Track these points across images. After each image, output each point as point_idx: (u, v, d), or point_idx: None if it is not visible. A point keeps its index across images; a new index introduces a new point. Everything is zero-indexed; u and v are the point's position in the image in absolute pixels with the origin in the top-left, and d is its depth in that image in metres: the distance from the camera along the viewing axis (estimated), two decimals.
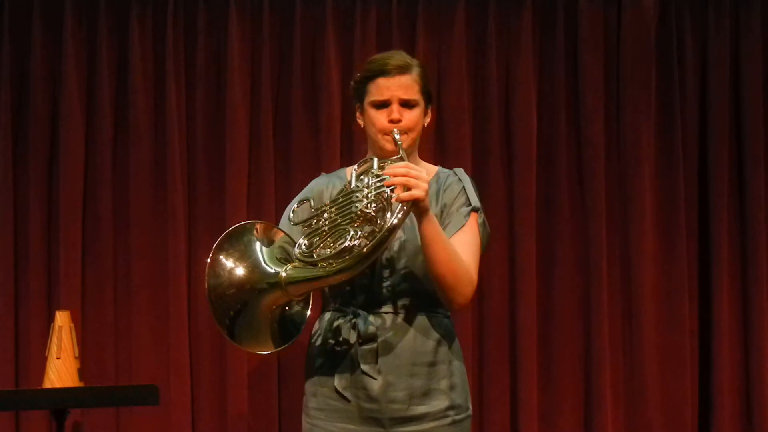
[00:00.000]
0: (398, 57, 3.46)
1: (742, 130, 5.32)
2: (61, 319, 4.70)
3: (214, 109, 5.20)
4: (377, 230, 3.12)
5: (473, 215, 3.39)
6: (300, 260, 3.20)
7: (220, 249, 3.29)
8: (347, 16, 5.22)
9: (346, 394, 3.34)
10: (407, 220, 3.27)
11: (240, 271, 3.25)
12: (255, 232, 3.35)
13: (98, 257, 5.10)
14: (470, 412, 3.42)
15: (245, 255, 3.28)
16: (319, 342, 3.42)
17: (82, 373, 4.73)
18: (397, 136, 3.35)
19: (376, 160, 3.32)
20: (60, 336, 4.65)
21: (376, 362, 3.31)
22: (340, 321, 3.38)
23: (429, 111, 3.49)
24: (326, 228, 3.23)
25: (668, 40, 5.32)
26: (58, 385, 4.61)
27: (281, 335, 3.30)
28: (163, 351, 5.08)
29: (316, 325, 3.48)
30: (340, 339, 3.38)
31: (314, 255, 3.19)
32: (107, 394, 4.68)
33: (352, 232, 3.14)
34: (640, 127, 5.28)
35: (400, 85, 3.41)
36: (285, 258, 3.30)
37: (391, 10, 5.23)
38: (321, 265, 3.16)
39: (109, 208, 5.12)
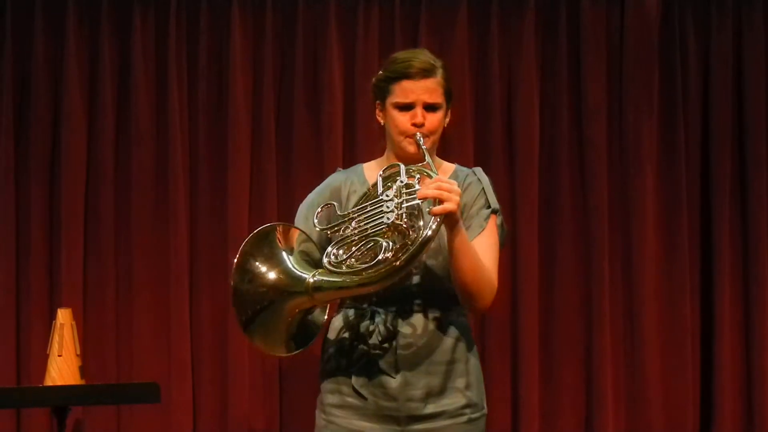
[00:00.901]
0: (423, 58, 3.43)
1: (744, 131, 5.32)
2: (63, 316, 4.70)
3: (216, 109, 5.20)
4: (410, 243, 3.12)
5: (492, 217, 3.39)
6: (329, 270, 3.20)
7: (248, 249, 3.29)
8: (350, 16, 5.22)
9: (363, 392, 3.33)
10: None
11: (271, 273, 3.25)
12: (278, 234, 3.34)
13: (100, 256, 5.10)
14: (485, 411, 3.42)
15: (273, 257, 3.28)
16: (336, 339, 3.42)
17: (83, 370, 4.74)
18: (420, 141, 3.34)
19: (403, 167, 3.30)
20: (61, 334, 4.66)
21: (395, 360, 3.31)
22: (358, 319, 3.38)
23: (449, 112, 3.48)
24: (356, 238, 3.22)
25: (671, 40, 5.32)
26: (59, 382, 4.62)
27: (296, 341, 3.30)
28: (164, 349, 5.08)
29: (334, 323, 3.47)
30: (358, 337, 3.36)
31: (344, 266, 3.18)
32: (108, 392, 4.68)
33: (385, 245, 3.14)
34: (643, 127, 5.28)
35: (425, 89, 3.38)
36: (308, 261, 3.30)
37: (394, 9, 5.23)
38: (350, 275, 3.15)
39: (110, 207, 5.12)
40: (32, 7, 5.13)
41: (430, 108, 3.38)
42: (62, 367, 4.65)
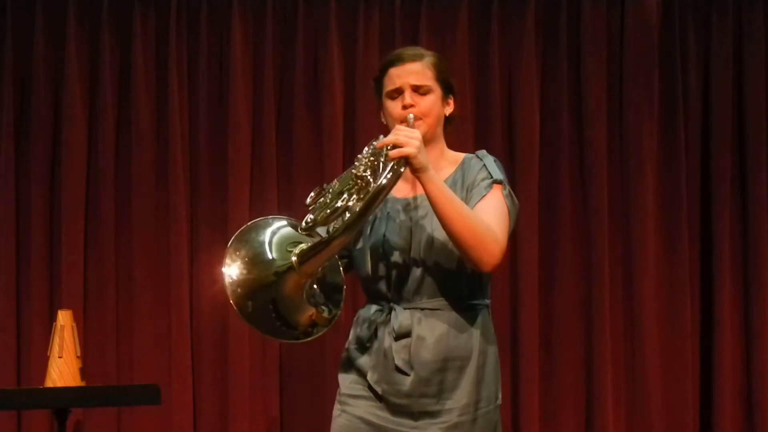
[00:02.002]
0: (410, 48, 3.46)
1: (744, 131, 5.32)
2: (63, 318, 4.70)
3: (217, 110, 5.20)
4: (369, 190, 3.15)
5: (496, 186, 3.37)
6: (305, 233, 3.22)
7: (230, 259, 3.29)
8: (350, 17, 5.23)
9: (377, 388, 3.34)
10: (430, 217, 3.27)
11: (252, 271, 3.26)
12: (267, 226, 3.35)
13: (100, 257, 5.11)
14: (500, 401, 3.42)
15: (254, 255, 3.29)
16: (356, 334, 3.43)
17: (83, 372, 4.74)
18: (411, 119, 3.34)
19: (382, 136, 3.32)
20: (62, 335, 4.66)
21: (410, 358, 3.32)
22: (377, 315, 3.38)
23: (450, 101, 3.47)
24: (329, 199, 3.25)
25: (671, 40, 5.32)
26: (60, 384, 4.62)
27: (326, 307, 3.31)
28: (164, 351, 5.08)
29: (357, 317, 3.48)
30: (375, 334, 3.38)
31: (316, 226, 3.22)
32: (109, 394, 4.68)
33: (345, 196, 3.17)
34: (643, 127, 5.28)
35: (410, 72, 3.39)
36: (297, 243, 3.31)
37: (394, 10, 5.23)
38: (318, 224, 3.20)
39: (111, 208, 5.12)
40: (33, 7, 5.13)
41: (419, 90, 3.39)
42: (63, 369, 4.65)
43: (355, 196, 3.18)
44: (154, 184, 5.15)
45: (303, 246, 3.23)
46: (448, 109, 3.46)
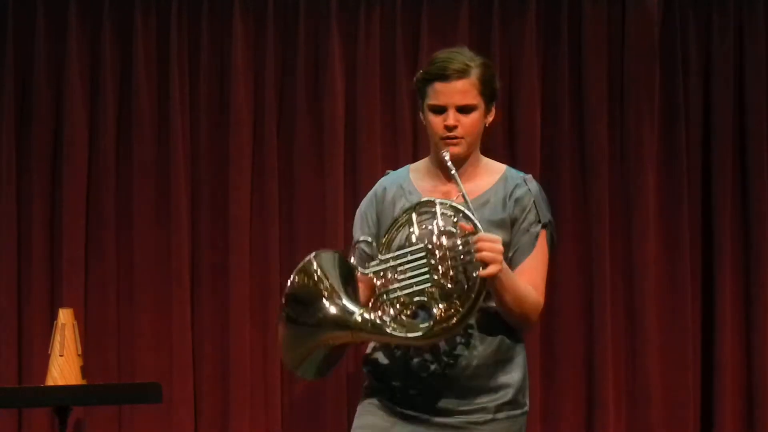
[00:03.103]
0: (458, 59, 3.38)
1: (745, 132, 5.32)
2: (64, 316, 4.71)
3: (218, 111, 5.21)
4: (459, 305, 3.12)
5: (542, 233, 3.37)
6: (377, 324, 3.18)
7: (320, 264, 3.27)
8: (351, 16, 5.23)
9: (399, 393, 3.34)
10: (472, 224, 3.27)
11: (325, 301, 3.23)
12: (334, 259, 3.31)
13: (101, 255, 5.11)
14: (527, 408, 3.42)
15: (331, 285, 3.26)
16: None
17: (84, 370, 4.75)
18: (448, 162, 3.30)
19: (438, 207, 3.24)
20: (63, 334, 4.67)
21: (433, 372, 3.31)
22: None
23: (493, 109, 3.45)
24: (401, 294, 3.19)
25: (672, 41, 5.32)
26: (60, 382, 4.62)
27: (319, 368, 3.30)
28: (165, 349, 5.08)
29: None
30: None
31: (390, 322, 3.17)
32: (110, 392, 4.69)
33: (433, 304, 3.14)
34: (644, 128, 5.28)
35: (456, 91, 3.34)
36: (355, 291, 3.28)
37: (395, 10, 5.23)
38: (399, 327, 3.15)
39: (112, 206, 5.13)
40: (34, 7, 5.14)
41: (463, 110, 3.35)
42: (64, 367, 4.65)
43: (441, 306, 3.14)
44: (155, 182, 5.15)
45: (369, 313, 3.19)
46: (490, 118, 3.44)
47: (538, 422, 5.17)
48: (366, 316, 3.17)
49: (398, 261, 3.21)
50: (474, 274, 3.12)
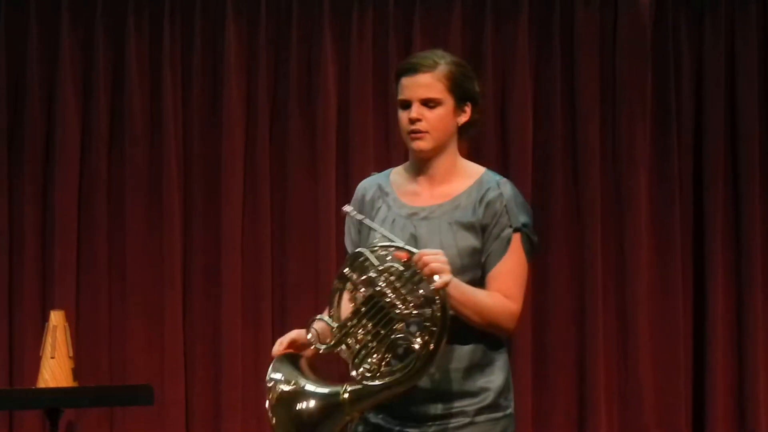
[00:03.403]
0: (426, 55, 3.36)
1: (737, 134, 5.33)
2: (56, 318, 4.70)
3: (211, 113, 5.20)
4: (431, 325, 3.11)
5: (515, 237, 3.34)
6: (364, 384, 3.15)
7: (274, 401, 3.24)
8: (344, 19, 5.22)
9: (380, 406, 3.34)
10: (437, 233, 3.26)
11: (308, 406, 3.20)
12: (287, 361, 3.28)
13: (93, 258, 5.11)
14: (511, 411, 3.40)
15: (301, 390, 3.23)
16: None
17: (76, 372, 4.73)
18: (350, 212, 3.26)
19: (370, 256, 3.21)
20: (54, 335, 4.65)
21: None
22: None
23: (467, 109, 3.42)
24: (373, 345, 3.16)
25: (664, 43, 5.32)
26: (52, 384, 4.61)
27: None
28: (157, 351, 5.08)
29: None
30: None
31: (377, 376, 3.13)
32: (101, 394, 4.68)
33: (409, 336, 3.08)
34: (636, 129, 5.29)
35: (419, 84, 3.31)
36: (325, 376, 3.25)
37: (388, 12, 5.23)
38: (387, 377, 3.12)
39: (104, 209, 5.12)
40: (26, 11, 5.13)
41: (427, 104, 3.34)
42: (55, 369, 4.64)
43: (415, 335, 3.11)
44: (147, 185, 5.15)
45: (355, 385, 3.10)
46: (463, 118, 3.41)
47: (530, 425, 5.17)
48: (350, 388, 3.16)
49: (354, 321, 3.19)
50: (431, 288, 3.11)
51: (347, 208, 3.29)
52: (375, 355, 3.10)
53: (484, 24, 5.28)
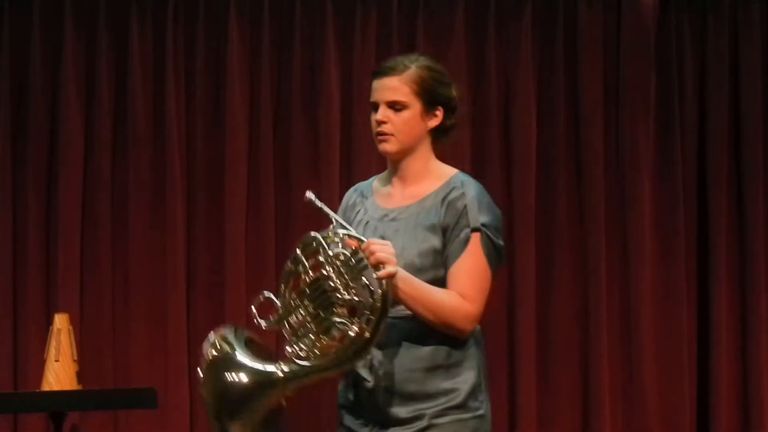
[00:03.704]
0: (399, 59, 3.41)
1: (741, 136, 5.33)
2: (60, 321, 4.69)
3: (214, 114, 5.20)
4: (370, 314, 3.13)
5: (474, 236, 3.34)
6: (297, 364, 3.18)
7: (210, 362, 3.27)
8: (347, 22, 5.23)
9: (349, 395, 3.35)
10: (401, 234, 3.29)
11: (242, 378, 3.23)
12: (220, 337, 3.31)
13: (97, 261, 5.11)
14: (482, 412, 3.39)
15: (233, 363, 3.26)
16: None
17: (80, 375, 4.73)
18: (317, 204, 3.31)
19: (321, 239, 3.24)
20: (58, 339, 4.65)
21: (371, 366, 3.32)
22: None
23: (438, 113, 3.43)
24: (311, 326, 3.20)
25: (667, 45, 5.33)
26: (56, 387, 4.61)
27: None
28: (161, 354, 5.08)
29: None
30: None
31: (311, 354, 3.17)
32: (105, 397, 4.68)
33: (346, 322, 3.14)
34: (639, 132, 5.29)
35: (385, 87, 3.36)
36: (265, 356, 3.28)
37: (391, 15, 5.23)
38: (321, 359, 3.15)
39: (108, 212, 5.12)
40: (30, 13, 5.13)
41: (393, 107, 3.36)
42: (59, 373, 4.64)
43: (353, 321, 3.15)
44: (150, 187, 5.15)
45: (290, 364, 3.16)
46: (433, 122, 3.41)
47: (535, 427, 5.17)
48: (283, 366, 3.17)
49: (298, 301, 3.21)
50: (374, 277, 3.13)
51: (309, 194, 3.31)
52: (312, 337, 3.14)
53: (487, 26, 5.28)
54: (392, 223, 3.32)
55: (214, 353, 3.25)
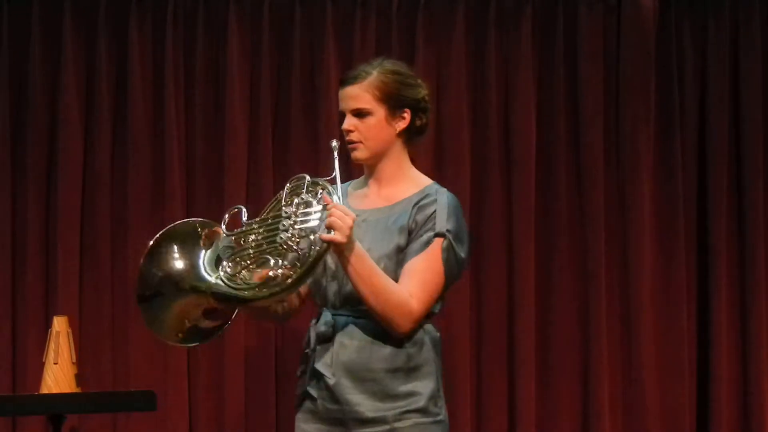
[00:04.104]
0: (361, 66, 3.49)
1: (741, 138, 5.32)
2: (59, 324, 4.70)
3: (213, 115, 5.20)
4: (299, 265, 3.17)
5: (436, 241, 3.36)
6: (224, 281, 3.25)
7: (167, 237, 3.36)
8: (347, 23, 5.22)
9: (313, 393, 3.38)
10: (369, 234, 3.32)
11: (179, 264, 3.29)
12: (204, 232, 3.40)
13: (96, 263, 5.10)
14: (441, 417, 3.41)
15: (189, 250, 3.33)
16: (304, 342, 3.49)
17: (79, 378, 4.74)
18: (335, 151, 3.36)
19: (307, 180, 3.34)
20: (57, 341, 4.66)
21: (331, 363, 3.34)
22: (315, 321, 3.44)
23: (405, 115, 3.45)
24: (251, 251, 3.28)
25: (668, 47, 5.32)
26: (55, 390, 4.61)
27: (192, 335, 3.36)
28: (160, 357, 5.07)
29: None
30: (309, 339, 3.47)
31: (238, 279, 3.23)
32: (104, 400, 4.68)
33: (273, 263, 3.20)
34: (639, 134, 5.28)
35: (348, 96, 3.45)
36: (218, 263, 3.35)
37: (391, 17, 5.22)
38: (244, 289, 3.22)
39: (107, 213, 5.12)
40: (29, 13, 5.12)
41: (358, 115, 3.41)
42: (58, 375, 4.64)
43: (282, 263, 3.19)
44: (150, 189, 5.14)
45: (222, 283, 3.26)
46: (401, 125, 3.44)
47: (534, 429, 5.17)
48: (217, 280, 3.27)
49: (255, 226, 3.33)
50: (318, 235, 3.20)
51: (335, 143, 3.43)
52: (247, 262, 3.23)
53: (487, 28, 5.27)
54: (363, 224, 3.39)
55: (195, 228, 3.40)
